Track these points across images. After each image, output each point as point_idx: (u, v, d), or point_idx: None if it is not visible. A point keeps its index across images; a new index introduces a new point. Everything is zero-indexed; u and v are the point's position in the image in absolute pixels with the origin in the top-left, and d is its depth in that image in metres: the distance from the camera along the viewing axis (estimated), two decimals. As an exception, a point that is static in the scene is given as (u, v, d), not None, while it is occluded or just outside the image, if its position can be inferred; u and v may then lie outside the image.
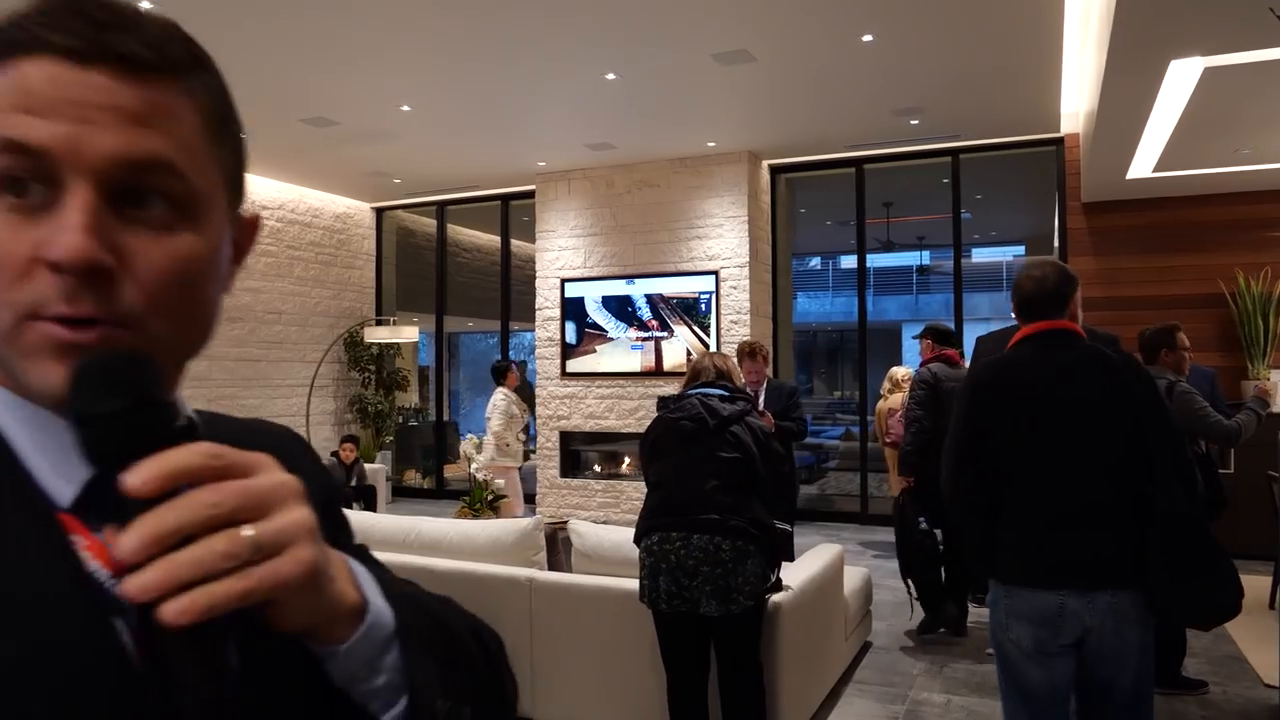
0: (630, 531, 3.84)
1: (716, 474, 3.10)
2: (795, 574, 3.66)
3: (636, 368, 9.32)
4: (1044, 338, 2.43)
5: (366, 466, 8.59)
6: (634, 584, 3.53)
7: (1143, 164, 6.94)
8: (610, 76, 6.64)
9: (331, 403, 10.82)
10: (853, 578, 4.65)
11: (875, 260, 19.10)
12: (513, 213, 10.79)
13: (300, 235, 10.41)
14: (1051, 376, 2.37)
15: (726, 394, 3.31)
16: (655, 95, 7.14)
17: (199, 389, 9.11)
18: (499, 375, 7.72)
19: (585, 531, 3.92)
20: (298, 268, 10.38)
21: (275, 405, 10.00)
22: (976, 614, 5.30)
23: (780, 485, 3.26)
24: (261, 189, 9.89)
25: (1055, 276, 2.46)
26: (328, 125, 7.80)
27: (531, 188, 10.00)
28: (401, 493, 11.28)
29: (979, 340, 4.08)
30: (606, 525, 4.09)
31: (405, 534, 4.27)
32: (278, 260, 10.12)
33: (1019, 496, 2.35)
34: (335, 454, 8.23)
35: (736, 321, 8.87)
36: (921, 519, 5.02)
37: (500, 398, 7.54)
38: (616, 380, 9.43)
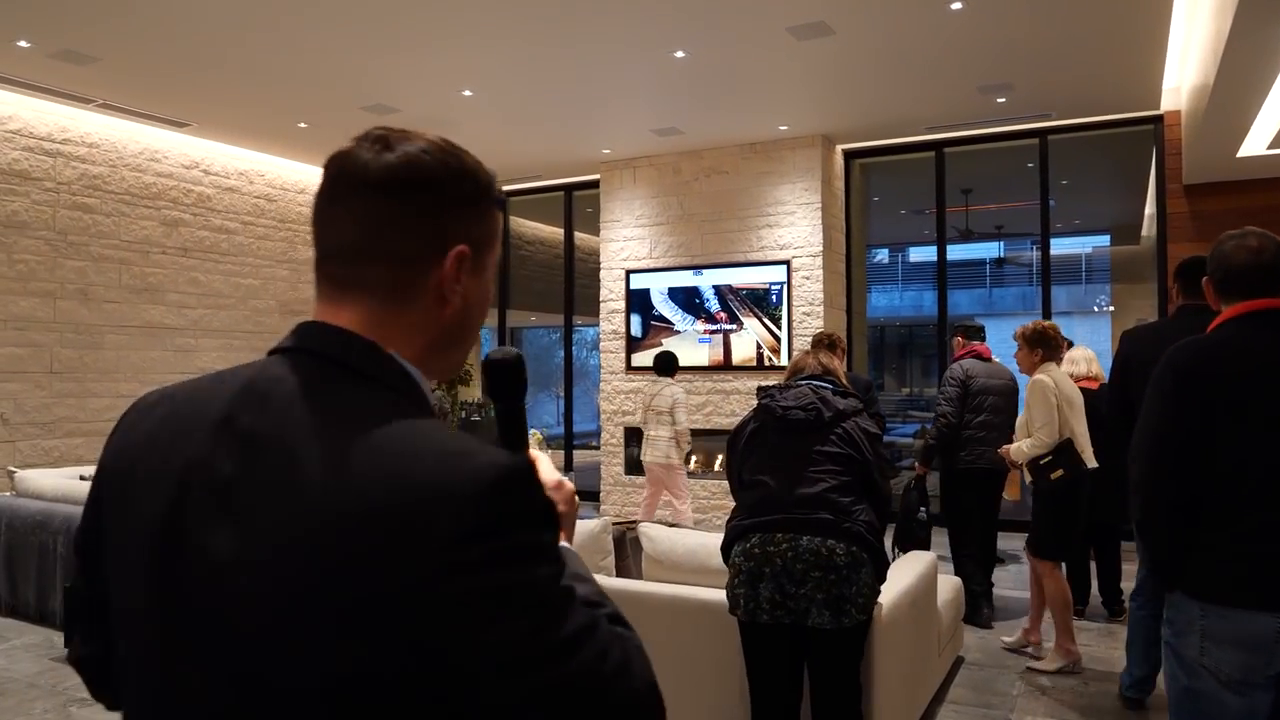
0: (706, 537, 3.55)
1: (829, 471, 2.79)
2: (888, 585, 3.31)
3: (704, 362, 9.00)
4: (1263, 318, 2.08)
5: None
6: (711, 594, 3.24)
7: (1257, 140, 6.40)
8: (679, 55, 6.32)
9: (394, 397, 10.69)
10: (945, 588, 4.29)
11: (950, 251, 18.42)
12: (577, 203, 10.54)
13: (363, 228, 10.29)
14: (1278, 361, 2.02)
15: (835, 388, 2.99)
16: (726, 75, 6.80)
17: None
18: (669, 367, 7.24)
19: (656, 535, 3.63)
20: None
21: (338, 399, 9.91)
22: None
23: (886, 492, 2.93)
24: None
25: (1275, 248, 2.11)
26: (388, 113, 7.63)
27: (596, 177, 9.74)
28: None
29: (1125, 335, 3.72)
30: (678, 529, 3.78)
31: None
32: (341, 253, 10.00)
33: (1234, 499, 1.99)
34: None
35: (809, 313, 8.50)
36: (922, 508, 5.25)
37: (680, 390, 7.11)
38: (683, 375, 9.11)
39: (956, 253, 19.89)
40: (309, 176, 9.61)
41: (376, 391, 0.82)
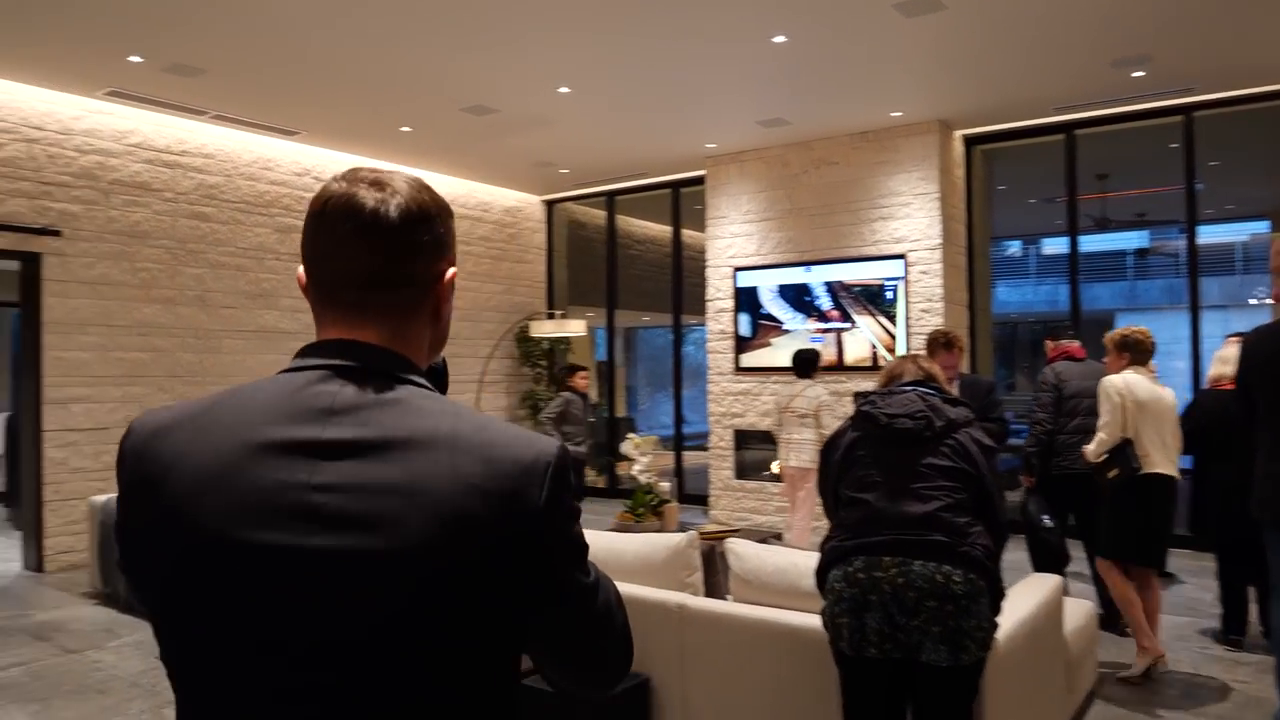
0: (796, 555, 3.25)
1: (941, 488, 2.48)
2: (1005, 615, 2.95)
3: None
4: None
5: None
6: (801, 620, 2.95)
7: None
8: (779, 39, 6.01)
9: (504, 399, 10.71)
10: (1075, 614, 3.85)
11: (1086, 242, 17.31)
12: (684, 201, 10.31)
13: (471, 230, 10.35)
14: None
15: (942, 396, 2.68)
16: (831, 59, 6.44)
17: (373, 385, 9.15)
18: (809, 366, 6.92)
19: (744, 552, 3.35)
20: (469, 262, 10.32)
21: (448, 401, 9.97)
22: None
23: (1003, 514, 2.59)
24: (433, 185, 9.79)
25: None
26: (487, 113, 7.57)
27: (702, 173, 9.49)
28: (574, 491, 11.04)
29: (1247, 340, 3.29)
30: (769, 546, 3.50)
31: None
32: (449, 256, 10.07)
33: None
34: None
35: (927, 310, 8.02)
36: (1045, 517, 4.92)
37: (823, 391, 6.83)
38: (791, 376, 8.75)
39: (1093, 243, 18.68)
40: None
41: (426, 392, 0.98)
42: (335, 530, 0.87)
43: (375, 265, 0.98)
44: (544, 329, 9.83)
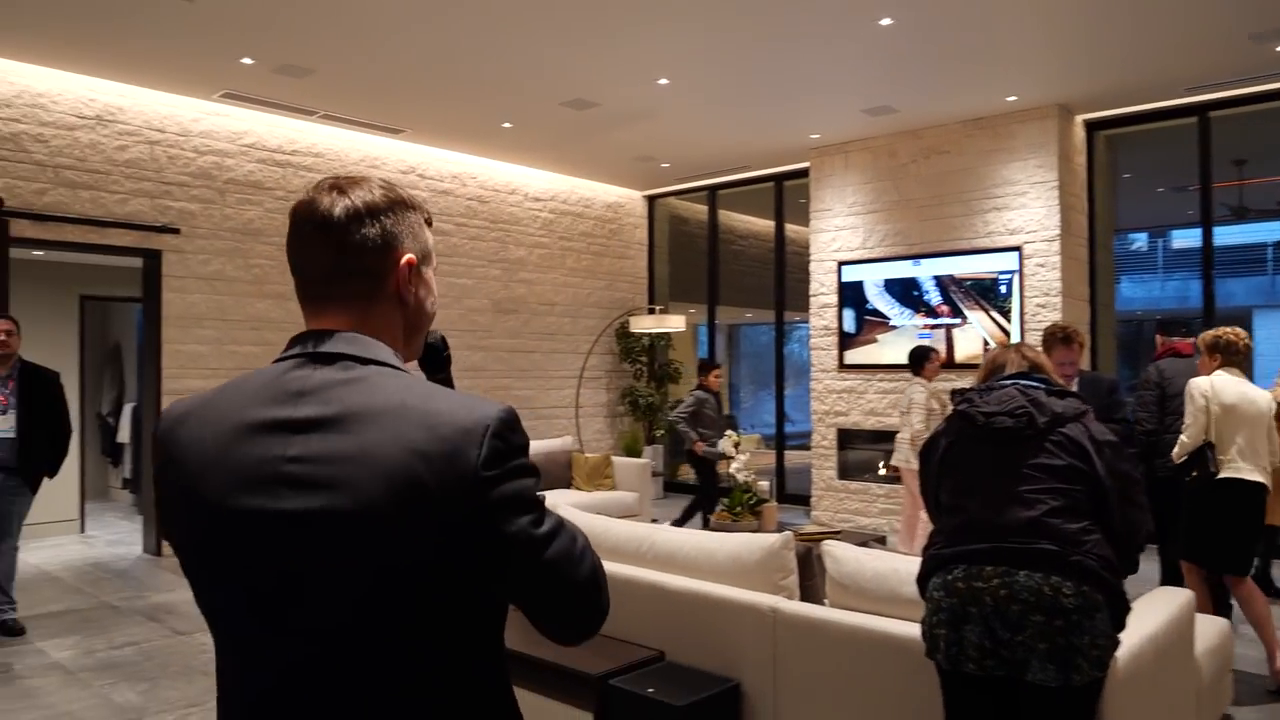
0: (897, 560, 3.07)
1: (1050, 490, 2.27)
2: (1129, 631, 2.70)
3: (923, 359, 8.30)
4: None
5: (634, 462, 8.28)
6: (903, 629, 2.77)
7: None
8: (886, 22, 5.77)
9: (604, 395, 10.70)
10: (1207, 632, 3.54)
11: (1221, 234, 16.23)
12: (787, 194, 10.08)
13: (572, 226, 10.36)
14: None
15: (1050, 388, 2.46)
16: (941, 41, 6.15)
17: (475, 380, 9.26)
18: (917, 363, 6.82)
19: (842, 556, 3.18)
20: (570, 259, 10.33)
21: (548, 397, 10.01)
22: None
23: (1135, 521, 2.32)
24: (534, 181, 9.91)
25: None
26: (587, 107, 7.53)
27: (805, 165, 9.26)
28: (673, 488, 10.96)
29: None
30: (868, 550, 3.32)
31: (639, 544, 3.75)
32: (550, 252, 10.12)
33: None
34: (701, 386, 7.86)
35: (1044, 305, 7.61)
36: None
37: (918, 391, 6.68)
38: (901, 373, 8.45)
39: (1229, 235, 17.51)
40: (518, 177, 9.75)
41: (387, 371, 1.08)
42: (304, 494, 1.00)
43: (329, 260, 1.10)
44: (643, 324, 9.76)
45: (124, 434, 9.61)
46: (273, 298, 7.79)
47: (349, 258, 1.10)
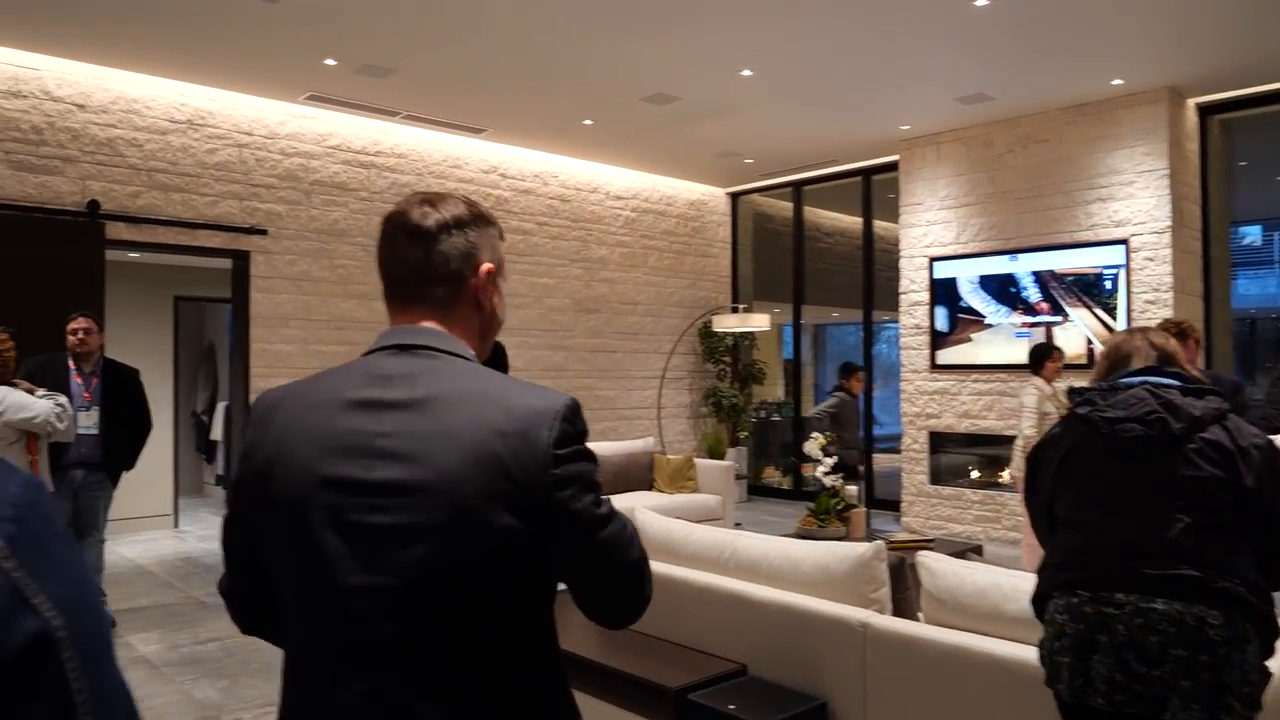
0: (1000, 574, 2.82)
1: (1188, 506, 1.98)
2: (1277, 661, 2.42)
3: (1021, 359, 7.92)
4: None
5: (717, 464, 8.11)
6: (1009, 649, 2.54)
7: None
8: (981, 3, 5.47)
9: (686, 395, 10.53)
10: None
11: (1344, 227, 15.11)
12: (875, 189, 9.76)
13: (654, 224, 10.23)
14: None
15: (1185, 384, 2.15)
16: (1039, 21, 5.81)
17: (556, 380, 9.21)
18: (1037, 361, 6.37)
19: (939, 568, 2.95)
20: (652, 257, 10.20)
21: (630, 397, 9.90)
22: None
23: None
24: (616, 180, 9.81)
25: None
26: (668, 102, 7.38)
27: (894, 158, 8.94)
28: (758, 491, 10.73)
29: None
30: (967, 562, 3.08)
31: (719, 551, 3.58)
32: (632, 251, 10.00)
33: None
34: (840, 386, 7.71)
35: (1154, 301, 7.16)
36: None
37: (1030, 394, 6.26)
38: (997, 374, 8.09)
39: (1355, 228, 16.39)
40: (599, 176, 9.66)
41: (465, 364, 1.22)
42: (392, 465, 1.13)
43: (419, 265, 1.25)
44: (726, 324, 9.57)
45: (217, 431, 9.84)
46: (357, 298, 7.85)
47: (436, 264, 1.24)
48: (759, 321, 9.56)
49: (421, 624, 1.11)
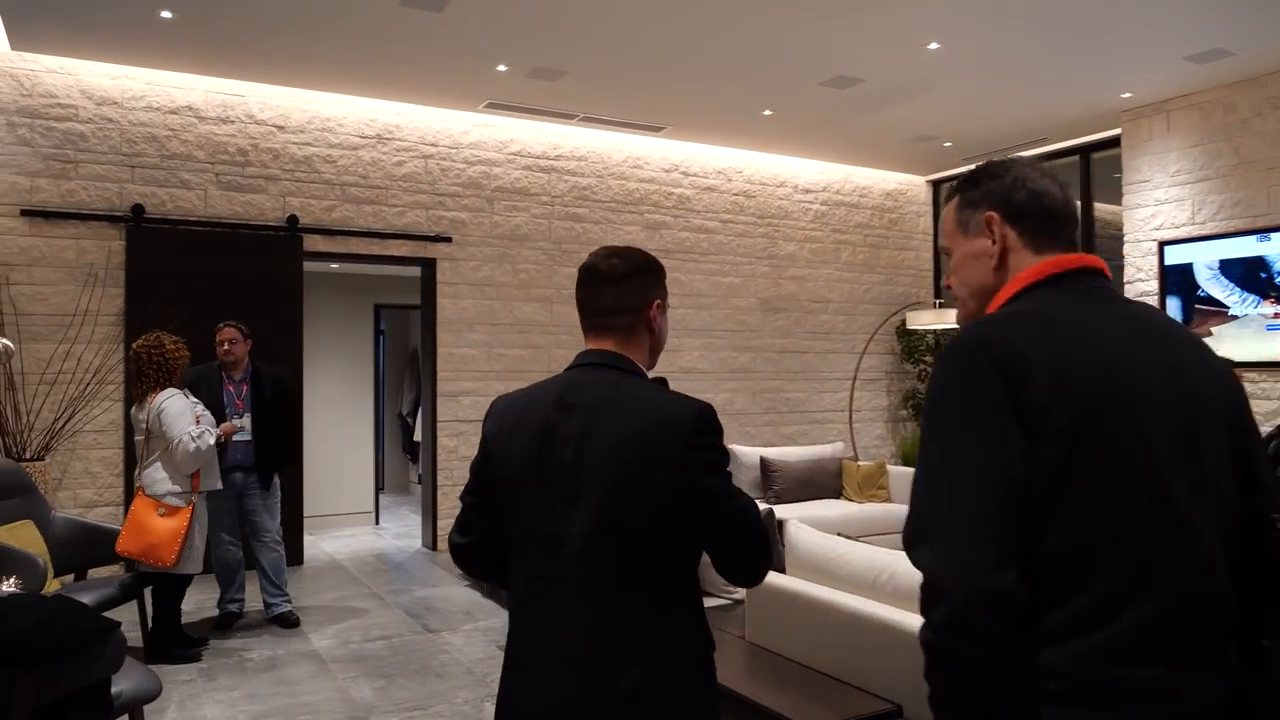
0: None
1: None
2: None
3: (1276, 355, 6.83)
4: (1078, 278, 1.31)
5: (912, 471, 7.52)
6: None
7: None
8: (1211, -61, 4.69)
9: (884, 398, 9.93)
10: None
11: None
12: (1096, 168, 8.79)
13: (847, 217, 9.71)
14: (1145, 348, 1.22)
15: None
16: (1291, -43, 4.93)
17: (742, 382, 8.93)
18: None
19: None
20: (845, 252, 9.69)
21: (821, 400, 9.44)
22: None
23: None
24: (804, 173, 9.39)
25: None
26: (851, 84, 6.92)
27: (1115, 131, 7.99)
28: (964, 501, 9.93)
29: None
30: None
31: (876, 574, 3.19)
32: (823, 246, 9.54)
33: (1111, 586, 1.13)
34: None
35: None
36: None
37: None
38: (1244, 374, 7.02)
39: None
40: (786, 169, 9.27)
41: (635, 378, 1.68)
42: (573, 448, 1.60)
43: (609, 302, 1.69)
44: (921, 320, 8.91)
45: (419, 433, 10.27)
46: (538, 301, 7.92)
47: (623, 300, 1.69)
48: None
49: (601, 569, 1.57)
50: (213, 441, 4.55)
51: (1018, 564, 1.09)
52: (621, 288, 1.67)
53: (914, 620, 2.89)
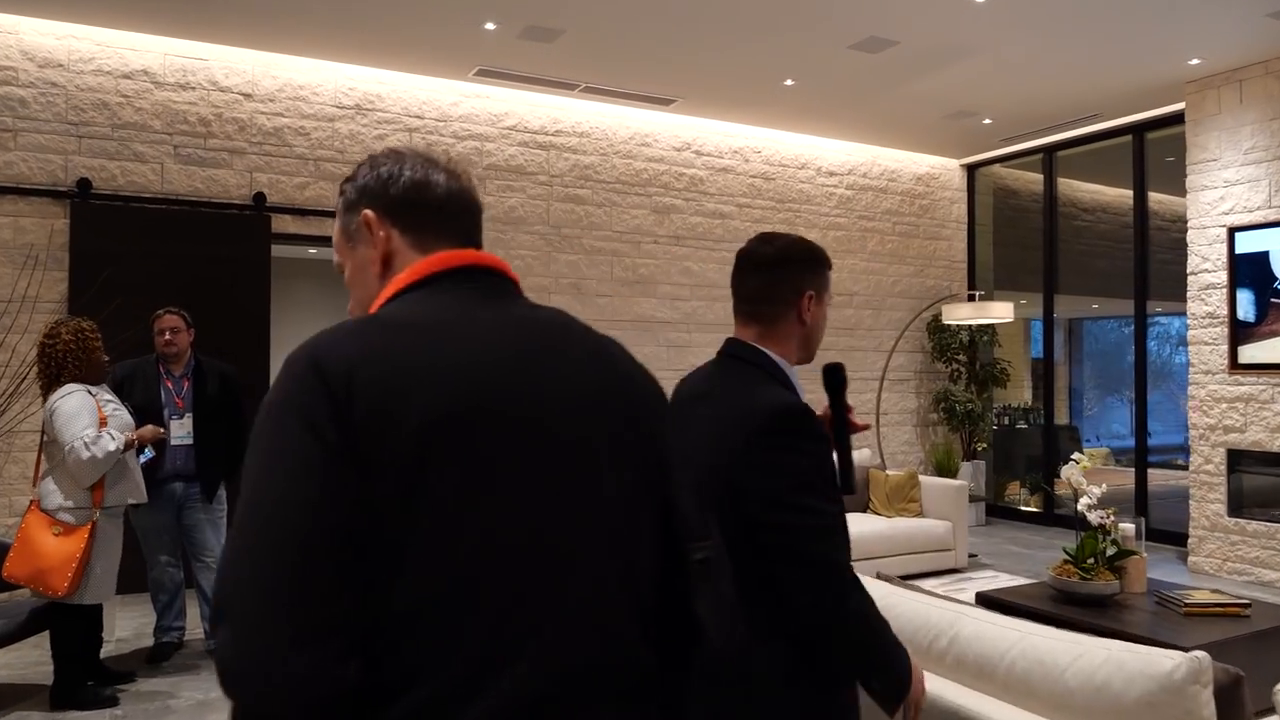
0: None
1: None
2: None
3: (1364, 356, 6.02)
4: (469, 277, 1.15)
5: (948, 483, 6.78)
6: None
7: None
8: None
9: (914, 399, 9.16)
10: None
11: None
12: (1150, 150, 7.98)
13: (874, 203, 8.94)
14: (527, 355, 1.06)
15: None
16: None
17: (759, 382, 8.17)
18: None
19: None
20: (871, 241, 8.92)
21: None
22: None
23: None
24: (828, 154, 8.62)
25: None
26: (883, 48, 6.15)
27: (1178, 106, 7.19)
28: (998, 513, 9.16)
29: None
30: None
31: (933, 637, 2.45)
32: (848, 234, 8.77)
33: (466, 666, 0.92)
34: None
35: None
36: None
37: None
38: (1325, 375, 6.23)
39: None
40: (808, 150, 8.51)
41: (753, 371, 1.71)
42: (693, 429, 1.62)
43: (759, 288, 1.75)
44: (957, 315, 8.12)
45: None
46: (535, 291, 7.15)
47: (768, 289, 1.74)
48: (999, 312, 8.03)
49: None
50: (114, 448, 3.80)
51: (339, 637, 0.85)
52: (768, 276, 1.72)
53: (983, 706, 2.17)
